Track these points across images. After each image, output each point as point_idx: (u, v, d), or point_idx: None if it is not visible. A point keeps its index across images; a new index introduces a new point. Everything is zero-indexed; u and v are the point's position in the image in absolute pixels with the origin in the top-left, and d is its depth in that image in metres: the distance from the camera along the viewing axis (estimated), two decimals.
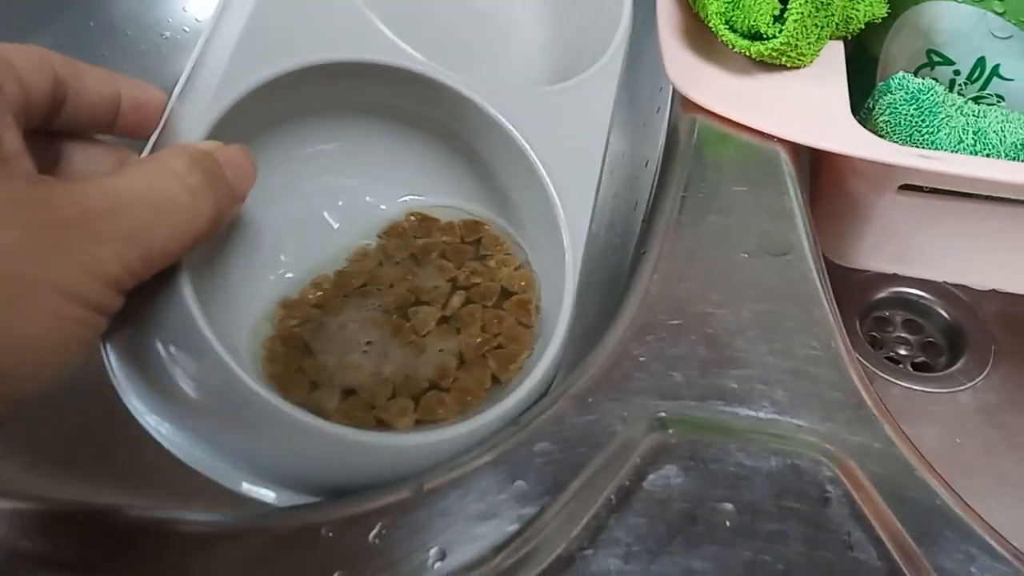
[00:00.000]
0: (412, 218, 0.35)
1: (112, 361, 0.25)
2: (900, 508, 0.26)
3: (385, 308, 0.32)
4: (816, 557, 0.24)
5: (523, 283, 0.33)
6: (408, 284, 0.33)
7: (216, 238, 0.29)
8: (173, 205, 0.23)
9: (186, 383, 0.25)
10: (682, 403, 0.29)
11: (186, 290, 0.25)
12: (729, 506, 0.25)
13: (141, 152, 0.27)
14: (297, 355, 0.30)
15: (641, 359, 0.30)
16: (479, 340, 0.31)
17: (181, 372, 0.25)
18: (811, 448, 0.27)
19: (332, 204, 0.35)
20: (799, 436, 0.28)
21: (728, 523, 0.25)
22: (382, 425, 0.29)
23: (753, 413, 0.28)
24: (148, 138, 0.27)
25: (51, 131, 0.25)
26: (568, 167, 0.33)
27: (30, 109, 0.23)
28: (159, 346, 0.25)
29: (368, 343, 0.31)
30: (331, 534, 0.25)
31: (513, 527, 0.26)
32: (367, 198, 0.35)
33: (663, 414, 0.28)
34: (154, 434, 0.25)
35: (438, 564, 0.25)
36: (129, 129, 0.27)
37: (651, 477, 0.26)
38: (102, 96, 0.26)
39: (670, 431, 0.28)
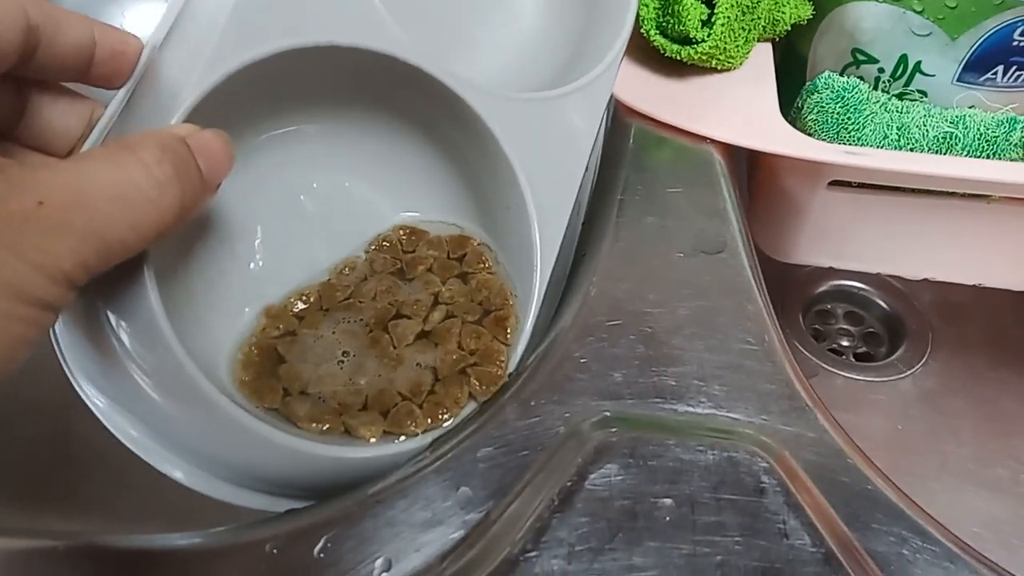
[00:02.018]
0: (402, 232, 0.34)
1: (63, 345, 0.25)
2: (833, 494, 0.27)
3: (366, 322, 0.31)
4: (752, 546, 0.25)
5: (502, 300, 0.32)
6: (390, 297, 0.32)
7: (189, 226, 0.28)
8: (138, 198, 0.21)
9: (139, 372, 0.25)
10: (622, 402, 0.29)
11: (148, 281, 0.24)
12: (668, 501, 0.26)
13: (109, 102, 0.26)
14: (271, 365, 0.30)
15: (582, 360, 0.30)
16: (455, 356, 0.31)
17: (135, 362, 0.25)
18: (747, 440, 0.28)
19: (315, 199, 0.33)
20: (735, 429, 0.28)
21: (668, 518, 0.25)
22: (347, 434, 0.28)
23: (691, 409, 0.29)
24: (120, 87, 0.26)
25: (18, 77, 0.24)
26: (550, 181, 0.33)
27: None
28: (114, 333, 0.25)
29: (344, 354, 0.30)
30: (275, 551, 0.25)
31: (458, 533, 0.26)
32: (356, 202, 0.34)
33: (605, 414, 0.29)
34: (91, 406, 0.26)
35: (384, 574, 0.25)
36: (102, 78, 0.25)
37: (592, 476, 0.26)
38: (77, 44, 0.24)
39: (611, 430, 0.28)
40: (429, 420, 0.29)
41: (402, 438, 0.28)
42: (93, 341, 0.26)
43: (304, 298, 0.32)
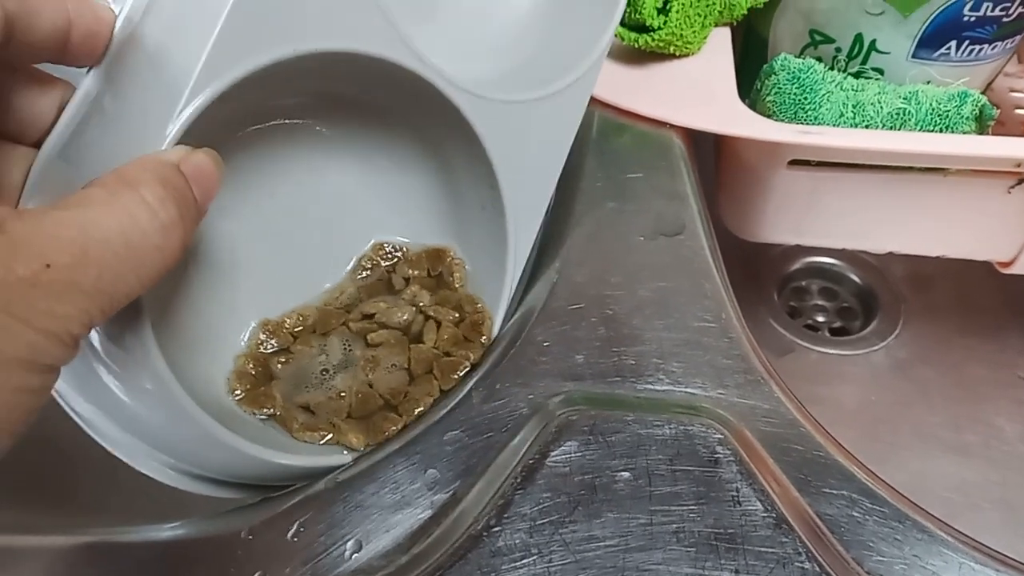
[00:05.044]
0: (382, 250, 0.35)
1: None
2: (785, 462, 0.28)
3: (352, 339, 0.32)
4: (707, 513, 0.26)
5: (472, 307, 0.33)
6: (375, 309, 0.33)
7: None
8: (143, 246, 0.21)
9: (115, 381, 0.25)
10: (584, 383, 0.30)
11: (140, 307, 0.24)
12: (626, 474, 0.27)
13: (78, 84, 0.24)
14: (264, 377, 0.31)
15: (545, 344, 0.31)
16: (428, 356, 0.32)
17: (111, 369, 0.25)
18: (703, 414, 0.29)
19: (303, 219, 0.33)
20: (692, 404, 0.29)
21: (625, 489, 0.27)
22: (337, 442, 0.30)
23: (650, 386, 0.30)
24: (93, 66, 0.24)
25: None
26: (528, 184, 0.33)
27: None
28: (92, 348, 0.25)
29: (326, 371, 0.32)
30: (251, 537, 0.26)
31: (426, 513, 0.27)
32: (342, 207, 0.34)
33: (566, 394, 0.30)
34: (71, 414, 0.26)
35: (355, 555, 0.26)
36: (77, 59, 0.24)
37: (553, 453, 0.27)
38: (53, 28, 0.23)
39: (573, 409, 0.29)
40: (405, 418, 0.30)
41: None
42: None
43: (303, 317, 0.33)
